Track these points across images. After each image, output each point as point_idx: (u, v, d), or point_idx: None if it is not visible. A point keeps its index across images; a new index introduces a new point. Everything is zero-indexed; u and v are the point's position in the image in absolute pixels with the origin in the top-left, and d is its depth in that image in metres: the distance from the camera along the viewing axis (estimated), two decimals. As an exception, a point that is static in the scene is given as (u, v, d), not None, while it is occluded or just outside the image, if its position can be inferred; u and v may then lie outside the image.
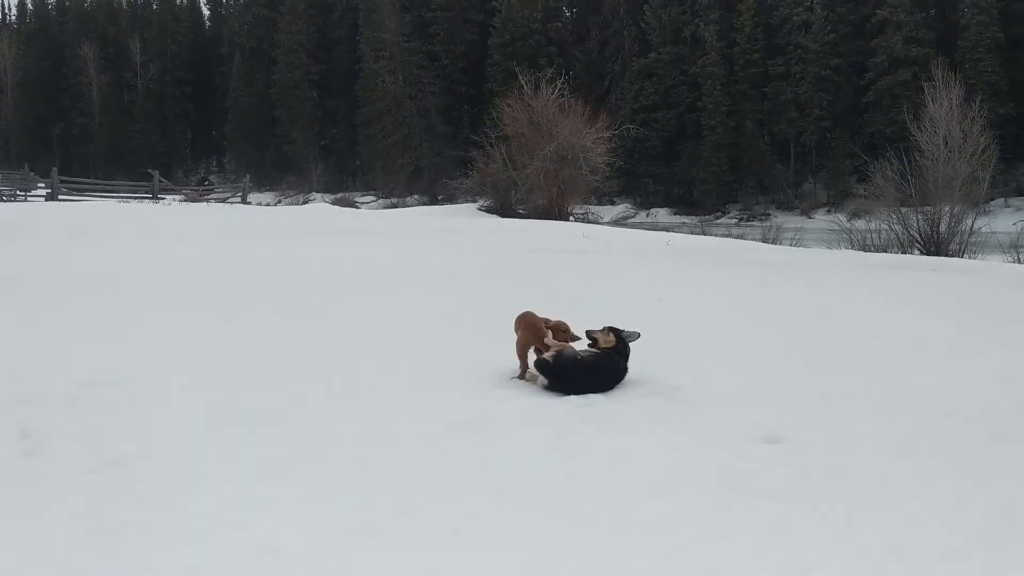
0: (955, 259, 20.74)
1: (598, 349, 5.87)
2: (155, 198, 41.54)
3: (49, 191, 39.85)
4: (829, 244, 25.82)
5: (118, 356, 6.34)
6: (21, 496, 3.94)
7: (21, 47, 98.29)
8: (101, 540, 3.52)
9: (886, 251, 23.29)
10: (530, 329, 6.05)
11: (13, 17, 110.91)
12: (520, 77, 37.89)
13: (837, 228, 27.17)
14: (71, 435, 4.70)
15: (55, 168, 42.86)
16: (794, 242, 27.21)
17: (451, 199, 54.58)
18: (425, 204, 61.17)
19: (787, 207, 60.72)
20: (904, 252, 23.33)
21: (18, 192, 41.42)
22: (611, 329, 5.94)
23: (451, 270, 11.96)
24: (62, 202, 35.98)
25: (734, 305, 9.15)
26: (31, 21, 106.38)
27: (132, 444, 4.60)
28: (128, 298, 8.74)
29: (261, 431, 4.86)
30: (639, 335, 5.98)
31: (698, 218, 53.75)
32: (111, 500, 3.89)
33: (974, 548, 3.65)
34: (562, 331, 5.96)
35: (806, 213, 57.31)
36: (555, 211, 34.35)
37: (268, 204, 61.26)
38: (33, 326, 7.35)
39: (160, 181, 45.16)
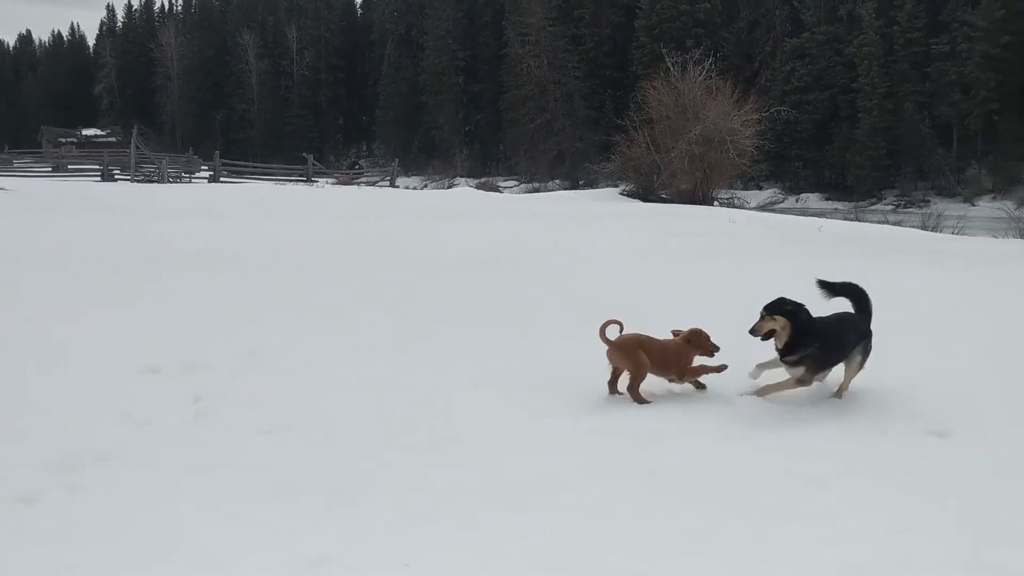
0: None
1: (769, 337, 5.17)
2: (309, 180, 43.20)
3: (212, 173, 42.17)
4: (995, 233, 24.34)
5: (280, 328, 6.66)
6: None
7: (186, 36, 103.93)
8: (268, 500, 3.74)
9: (1059, 241, 21.76)
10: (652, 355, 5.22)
11: (179, 8, 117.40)
12: (666, 59, 37.24)
13: (1004, 216, 25.61)
14: (236, 402, 4.99)
15: (217, 152, 45.30)
16: (956, 230, 25.76)
17: (592, 184, 54.32)
18: (566, 189, 61.13)
19: (948, 194, 57.44)
20: (1081, 242, 21.73)
21: (183, 174, 43.98)
22: (772, 309, 5.20)
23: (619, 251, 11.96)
24: (223, 183, 37.99)
25: (899, 294, 8.78)
26: (195, 12, 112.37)
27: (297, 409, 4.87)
28: (290, 274, 9.16)
29: (410, 399, 5.04)
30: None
31: (852, 204, 51.55)
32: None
33: None
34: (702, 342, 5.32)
35: (969, 200, 54.05)
36: (699, 195, 33.67)
37: (415, 188, 62.79)
38: (201, 300, 7.80)
39: (314, 164, 46.89)
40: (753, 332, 5.21)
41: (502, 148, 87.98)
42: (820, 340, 5.13)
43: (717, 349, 5.36)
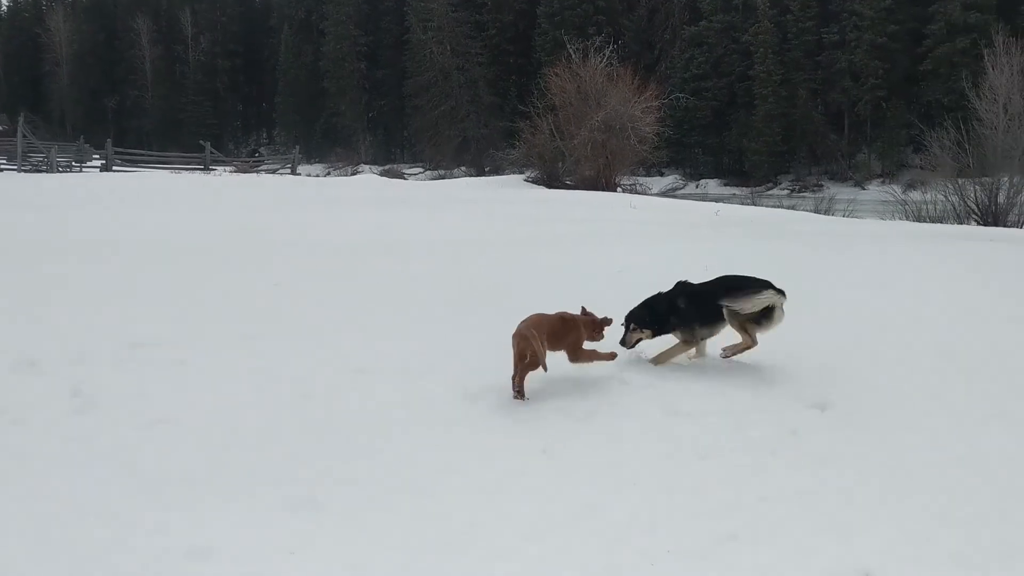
0: (1014, 230, 20.21)
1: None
2: (206, 169, 42.08)
3: (104, 162, 40.65)
4: (883, 215, 25.37)
5: (165, 319, 6.47)
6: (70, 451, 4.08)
7: (75, 21, 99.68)
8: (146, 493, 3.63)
9: (942, 222, 22.81)
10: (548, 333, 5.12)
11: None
12: (568, 46, 37.54)
13: (892, 199, 26.71)
14: (117, 394, 4.83)
15: (109, 140, 43.65)
16: (847, 213, 26.75)
17: (498, 171, 54.41)
18: (472, 176, 61.06)
19: (840, 178, 59.52)
20: (960, 223, 22.82)
21: (74, 163, 42.26)
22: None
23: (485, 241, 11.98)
24: (116, 172, 36.66)
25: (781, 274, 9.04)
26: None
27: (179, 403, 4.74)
28: (180, 264, 8.90)
29: (298, 389, 4.95)
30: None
31: (749, 189, 52.94)
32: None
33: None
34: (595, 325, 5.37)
35: (859, 184, 56.13)
36: (602, 182, 34.10)
37: (317, 175, 61.76)
38: (80, 290, 7.51)
39: (212, 153, 45.68)
40: (623, 343, 5.66)
41: (407, 135, 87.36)
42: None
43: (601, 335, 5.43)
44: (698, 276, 5.95)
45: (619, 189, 35.03)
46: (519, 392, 4.94)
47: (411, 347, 5.91)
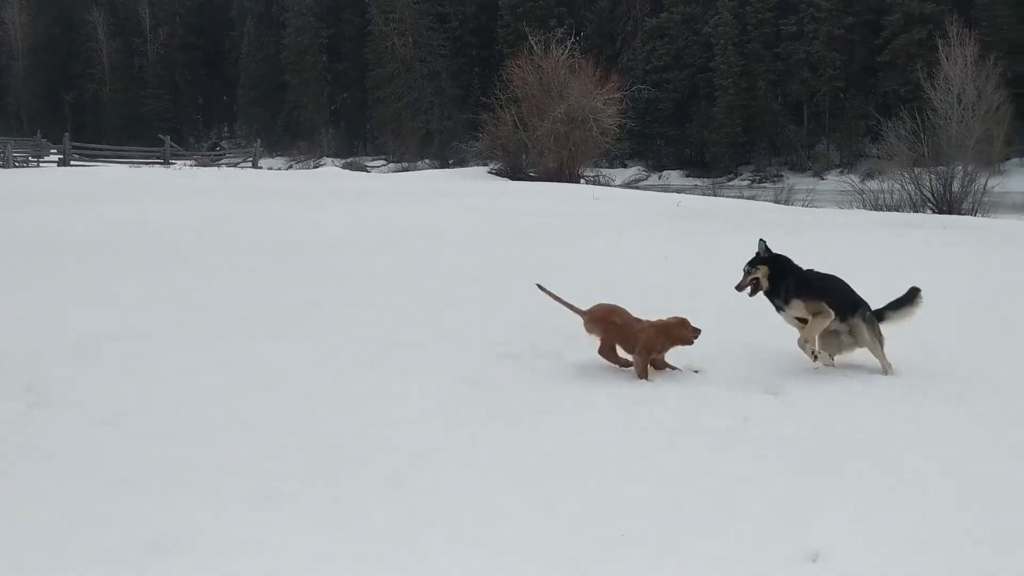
0: (967, 217, 20.61)
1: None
2: (166, 163, 41.55)
3: (61, 157, 39.97)
4: (841, 204, 25.71)
5: (126, 313, 6.43)
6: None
7: (30, 14, 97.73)
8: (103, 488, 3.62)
9: (898, 211, 23.19)
10: (611, 330, 5.39)
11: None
12: (530, 38, 37.55)
13: (850, 189, 27.07)
14: (74, 389, 4.80)
15: (67, 134, 42.91)
16: (806, 203, 27.08)
17: (462, 163, 54.28)
18: (436, 168, 60.82)
19: (800, 168, 60.21)
20: (916, 211, 23.21)
21: (31, 158, 41.53)
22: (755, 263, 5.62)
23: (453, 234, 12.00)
24: (74, 167, 36.08)
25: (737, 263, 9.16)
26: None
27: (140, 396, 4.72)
28: (131, 259, 8.83)
29: (261, 381, 4.95)
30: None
31: (710, 180, 53.38)
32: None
33: (974, 496, 3.71)
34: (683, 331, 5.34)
35: (819, 174, 56.81)
36: (566, 173, 34.20)
37: (279, 169, 61.23)
38: (37, 285, 7.44)
39: (171, 146, 45.12)
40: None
41: (369, 127, 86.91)
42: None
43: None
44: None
45: (583, 181, 35.14)
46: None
47: (376, 340, 5.92)
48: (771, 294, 5.56)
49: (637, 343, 5.24)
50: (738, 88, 62.28)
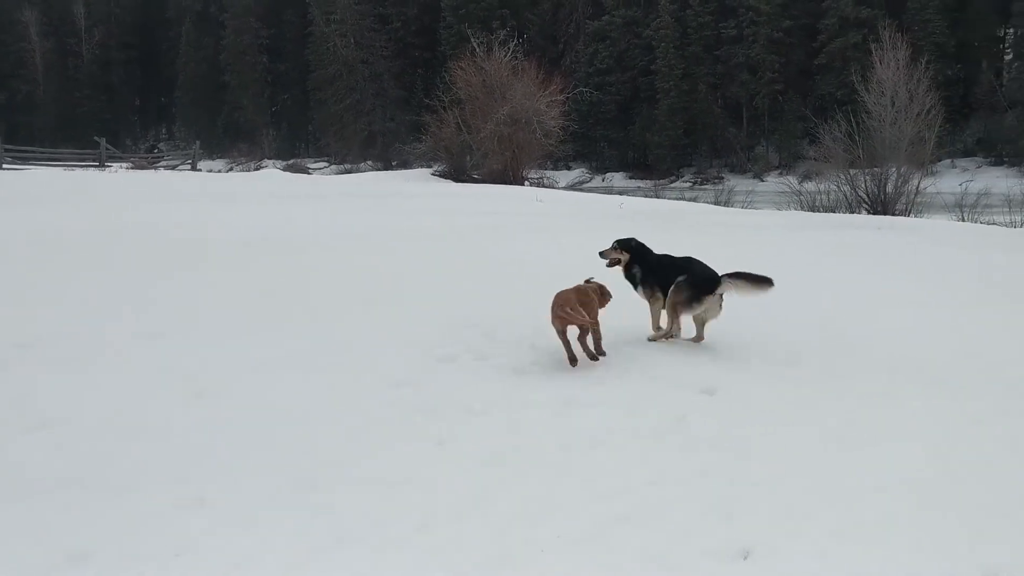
0: (900, 218, 21.09)
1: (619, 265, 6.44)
2: (102, 166, 40.62)
3: (-8, 160, 38.85)
4: (779, 206, 26.14)
5: (55, 319, 6.26)
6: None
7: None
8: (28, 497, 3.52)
9: (834, 211, 23.64)
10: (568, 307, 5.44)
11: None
12: (473, 40, 37.50)
13: (788, 190, 27.49)
14: (3, 395, 4.66)
15: (-2, 137, 41.78)
16: (745, 204, 27.47)
17: (405, 165, 54.01)
18: (379, 170, 60.47)
19: (740, 170, 61.04)
20: (852, 212, 23.69)
21: (-40, 162, 40.29)
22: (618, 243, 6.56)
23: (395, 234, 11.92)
24: (6, 171, 35.08)
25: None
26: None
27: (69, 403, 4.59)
28: (68, 264, 8.60)
29: (193, 386, 4.85)
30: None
31: (652, 182, 53.84)
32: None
33: (898, 487, 3.78)
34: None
35: (758, 176, 57.68)
36: (510, 175, 34.20)
37: (219, 171, 60.31)
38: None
39: (107, 149, 44.11)
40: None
41: (311, 129, 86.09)
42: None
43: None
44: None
45: (526, 183, 35.18)
46: (596, 352, 5.45)
47: (307, 342, 5.85)
48: (627, 276, 6.47)
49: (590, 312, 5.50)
50: (679, 91, 62.95)
